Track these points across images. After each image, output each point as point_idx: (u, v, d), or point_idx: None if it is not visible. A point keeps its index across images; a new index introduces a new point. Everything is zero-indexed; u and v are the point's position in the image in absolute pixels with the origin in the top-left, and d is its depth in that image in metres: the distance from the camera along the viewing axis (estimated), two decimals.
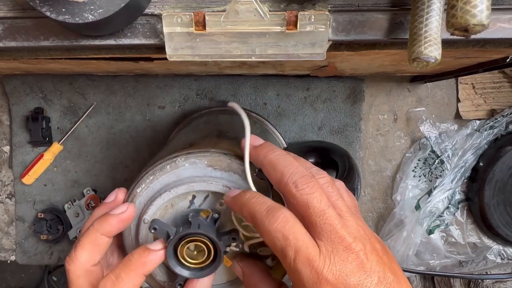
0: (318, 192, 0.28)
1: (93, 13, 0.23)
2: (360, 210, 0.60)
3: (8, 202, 0.59)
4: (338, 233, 0.27)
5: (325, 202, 0.28)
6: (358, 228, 0.28)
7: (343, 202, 0.30)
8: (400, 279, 0.28)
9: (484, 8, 0.20)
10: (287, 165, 0.30)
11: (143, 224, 0.34)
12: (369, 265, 0.27)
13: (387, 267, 0.27)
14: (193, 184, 0.33)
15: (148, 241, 0.35)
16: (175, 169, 0.34)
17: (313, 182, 0.29)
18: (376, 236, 0.30)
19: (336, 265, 0.26)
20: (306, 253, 0.27)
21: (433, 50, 0.22)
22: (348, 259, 0.26)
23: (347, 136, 0.58)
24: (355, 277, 0.26)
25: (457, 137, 0.57)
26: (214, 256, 0.33)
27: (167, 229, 0.32)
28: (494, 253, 0.60)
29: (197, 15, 0.25)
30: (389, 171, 0.60)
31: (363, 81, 0.57)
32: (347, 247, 0.27)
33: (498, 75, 0.58)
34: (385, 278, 0.27)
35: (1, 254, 0.61)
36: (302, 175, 0.29)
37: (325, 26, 0.25)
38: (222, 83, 0.56)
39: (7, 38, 0.27)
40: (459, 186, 0.59)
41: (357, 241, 0.27)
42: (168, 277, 0.36)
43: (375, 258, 0.27)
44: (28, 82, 0.56)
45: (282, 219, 0.28)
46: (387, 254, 0.29)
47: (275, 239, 0.28)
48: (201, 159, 0.34)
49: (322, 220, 0.27)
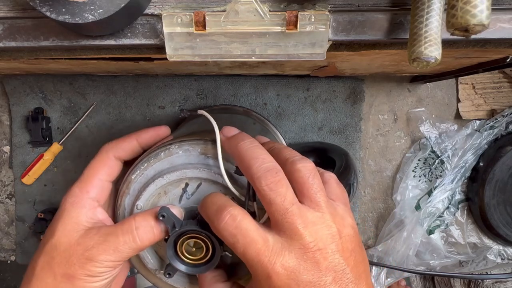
0: (282, 188, 0.28)
1: (93, 13, 0.23)
2: (360, 210, 0.60)
3: (8, 202, 0.59)
4: (298, 232, 0.27)
5: (289, 199, 0.28)
6: (327, 225, 0.28)
7: (322, 196, 0.29)
8: (361, 280, 0.28)
9: (484, 8, 0.20)
10: (254, 157, 0.29)
11: (136, 211, 0.35)
12: (325, 265, 0.27)
13: (349, 268, 0.27)
14: (185, 170, 0.33)
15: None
16: (169, 156, 0.34)
17: (279, 177, 0.28)
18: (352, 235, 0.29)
19: (289, 262, 0.26)
20: (255, 249, 0.27)
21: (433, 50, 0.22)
22: (303, 257, 0.27)
23: (347, 136, 0.58)
24: (308, 275, 0.26)
25: (457, 137, 0.57)
26: (210, 257, 0.33)
27: (174, 220, 0.32)
28: (494, 253, 0.60)
29: (197, 15, 0.25)
30: (389, 171, 0.60)
31: (363, 81, 0.57)
32: (305, 246, 0.27)
33: (498, 75, 0.58)
34: (343, 277, 0.27)
35: (1, 254, 0.61)
36: (268, 169, 0.29)
37: (325, 26, 0.25)
38: (222, 83, 0.56)
39: (7, 38, 0.27)
40: (459, 186, 0.59)
41: (318, 240, 0.27)
42: (159, 265, 0.37)
43: (336, 258, 0.27)
44: (28, 82, 0.56)
45: (228, 218, 0.28)
46: (356, 255, 0.29)
47: (224, 237, 0.28)
48: (194, 146, 0.34)
49: (284, 218, 0.27)
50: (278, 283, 0.26)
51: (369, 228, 0.61)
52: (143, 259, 0.36)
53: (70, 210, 0.33)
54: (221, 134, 0.34)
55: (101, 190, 0.35)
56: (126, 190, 0.35)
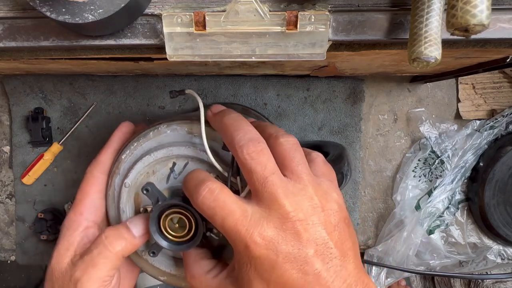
0: (264, 157, 0.28)
1: (93, 13, 0.23)
2: (360, 210, 0.60)
3: (8, 202, 0.59)
4: (278, 201, 0.27)
5: (270, 169, 0.28)
6: (309, 197, 0.27)
7: (304, 168, 0.29)
8: (347, 258, 0.27)
9: (484, 8, 0.20)
10: (238, 129, 0.30)
11: (124, 189, 0.36)
12: (306, 236, 0.26)
13: (332, 243, 0.27)
14: (172, 148, 0.34)
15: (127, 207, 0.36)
16: (157, 136, 0.35)
17: (261, 147, 0.28)
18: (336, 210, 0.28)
19: (267, 231, 0.26)
20: (233, 220, 0.27)
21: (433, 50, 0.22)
22: (282, 227, 0.26)
23: (347, 136, 0.58)
24: (287, 245, 0.26)
25: (457, 137, 0.57)
26: (193, 235, 0.33)
27: (158, 195, 0.33)
28: (494, 253, 0.60)
29: (197, 15, 0.25)
30: (389, 171, 0.60)
31: (363, 81, 0.57)
32: (284, 215, 0.26)
33: (498, 75, 0.58)
34: (325, 251, 0.26)
35: (1, 254, 0.61)
36: (251, 139, 0.29)
37: (325, 26, 0.25)
38: (222, 83, 0.56)
39: (7, 38, 0.27)
40: (459, 186, 0.59)
41: (298, 211, 0.26)
42: (145, 246, 0.37)
43: (318, 231, 0.26)
44: (28, 82, 0.56)
45: (206, 191, 0.28)
46: (341, 231, 0.28)
47: (202, 210, 0.28)
48: (182, 126, 0.35)
49: (263, 187, 0.27)
50: (256, 253, 0.26)
51: (369, 228, 0.61)
52: None
53: (65, 234, 0.35)
54: (209, 111, 0.34)
55: (95, 209, 0.36)
56: (116, 170, 0.36)
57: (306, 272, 0.26)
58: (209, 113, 0.34)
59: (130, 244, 0.33)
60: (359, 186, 0.59)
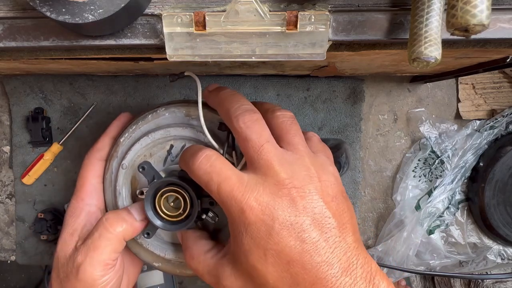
0: (258, 126, 0.28)
1: (93, 13, 0.23)
2: (360, 210, 0.60)
3: (8, 202, 0.59)
4: (273, 168, 0.26)
5: (266, 137, 0.28)
6: (306, 167, 0.27)
7: (300, 139, 0.29)
8: (346, 230, 0.26)
9: (484, 8, 0.20)
10: (233, 101, 0.30)
11: (121, 170, 0.36)
12: (302, 204, 0.26)
13: (330, 212, 0.26)
14: (169, 129, 0.35)
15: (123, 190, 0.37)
16: (156, 118, 0.36)
17: (256, 117, 0.28)
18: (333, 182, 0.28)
19: (263, 196, 0.26)
20: (229, 185, 0.26)
21: (433, 50, 0.22)
22: (278, 193, 0.26)
23: (347, 136, 0.58)
24: (284, 212, 0.25)
25: (457, 137, 0.57)
26: (188, 214, 0.33)
27: (154, 173, 0.33)
28: (494, 253, 0.60)
29: (197, 15, 0.25)
30: (389, 171, 0.60)
31: (363, 81, 0.57)
32: (280, 182, 0.26)
33: (498, 75, 0.58)
34: (323, 221, 0.26)
35: (1, 254, 0.61)
36: (246, 109, 0.29)
37: (325, 26, 0.25)
38: (222, 83, 0.56)
39: (7, 38, 0.27)
40: (459, 186, 0.59)
41: (294, 178, 0.26)
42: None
43: (315, 200, 0.26)
44: (28, 82, 0.56)
45: (203, 157, 0.28)
46: (339, 203, 0.27)
47: (199, 177, 0.28)
48: (179, 108, 0.35)
49: (259, 154, 0.27)
50: (252, 218, 0.26)
51: (369, 228, 0.61)
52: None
53: (68, 221, 0.35)
54: (206, 90, 0.34)
55: (97, 194, 0.37)
56: (114, 153, 0.36)
57: (304, 240, 0.25)
58: (206, 91, 0.34)
59: (131, 227, 0.33)
60: (359, 186, 0.59)
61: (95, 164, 0.37)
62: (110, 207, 0.38)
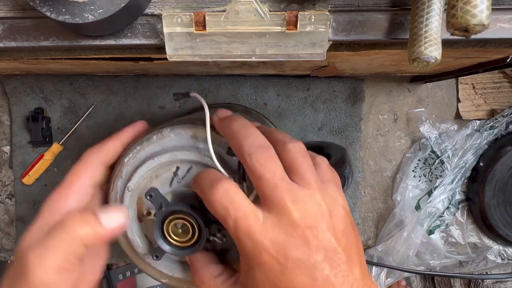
0: (272, 164, 0.28)
1: (93, 13, 0.23)
2: (360, 210, 0.60)
3: (8, 202, 0.59)
4: (287, 208, 0.27)
5: (279, 175, 0.28)
6: (317, 203, 0.28)
7: (312, 174, 0.29)
8: (354, 263, 0.27)
9: (484, 8, 0.20)
10: (246, 136, 0.29)
11: (127, 192, 0.35)
12: (316, 243, 0.26)
13: (340, 248, 0.27)
14: (176, 152, 0.34)
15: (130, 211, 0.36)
16: (161, 139, 0.35)
17: (269, 153, 0.28)
18: (343, 215, 0.29)
19: (278, 237, 0.26)
20: (246, 223, 0.27)
21: (433, 50, 0.22)
22: (292, 234, 0.26)
23: (348, 136, 0.58)
24: (297, 252, 0.26)
25: (457, 137, 0.57)
26: (196, 240, 0.34)
27: (162, 200, 0.33)
28: (494, 253, 0.60)
29: (197, 15, 0.25)
30: (389, 171, 0.60)
31: (363, 81, 0.57)
32: (294, 222, 0.26)
33: (498, 75, 0.58)
34: (334, 257, 0.26)
35: (1, 254, 0.61)
36: (260, 146, 0.29)
37: (325, 26, 0.25)
38: (222, 83, 0.56)
39: (7, 38, 0.27)
40: (459, 186, 0.59)
41: (307, 218, 0.27)
42: (148, 250, 0.37)
43: (327, 237, 0.27)
44: (28, 82, 0.56)
45: (222, 190, 0.28)
46: (348, 236, 0.28)
47: (216, 210, 0.28)
48: (186, 130, 0.34)
49: (273, 193, 0.27)
50: (266, 257, 0.26)
51: (369, 228, 0.61)
52: (133, 242, 0.37)
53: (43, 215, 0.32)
54: (215, 116, 0.34)
55: (82, 197, 0.33)
56: (118, 173, 0.36)
57: (315, 277, 0.26)
58: (215, 118, 0.33)
59: (94, 233, 0.29)
60: (359, 186, 0.59)
61: (94, 165, 0.35)
62: None
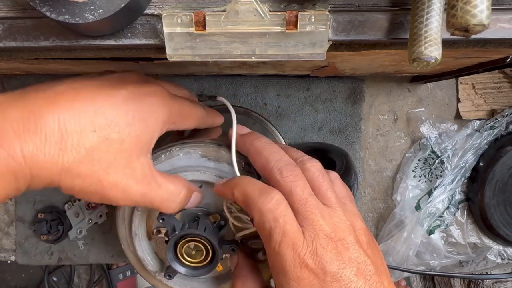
0: (301, 180, 0.29)
1: (93, 13, 0.23)
2: (360, 210, 0.60)
3: (8, 202, 0.59)
4: (319, 222, 0.27)
5: (308, 191, 0.28)
6: (342, 219, 0.28)
7: (332, 193, 0.30)
8: (382, 274, 0.28)
9: (484, 8, 0.20)
10: (273, 152, 0.30)
11: (136, 213, 0.35)
12: (347, 256, 0.27)
13: (369, 260, 0.28)
14: (186, 173, 0.33)
15: (139, 230, 0.36)
16: (169, 159, 0.34)
17: (298, 171, 0.29)
18: (364, 229, 0.30)
19: (316, 252, 0.27)
20: (292, 237, 0.27)
21: (433, 50, 0.22)
22: (327, 247, 0.27)
23: (348, 137, 0.58)
24: (334, 265, 0.26)
25: (457, 137, 0.57)
26: (210, 260, 0.34)
27: (174, 223, 0.33)
28: (494, 253, 0.60)
29: (197, 15, 0.25)
30: (389, 171, 0.60)
31: (363, 81, 0.57)
32: (327, 236, 0.27)
33: (498, 75, 0.58)
34: (365, 269, 0.27)
35: (1, 254, 0.61)
36: (288, 162, 0.29)
37: (325, 26, 0.25)
38: (222, 83, 0.56)
39: (7, 38, 0.27)
40: (459, 187, 0.59)
41: (337, 231, 0.27)
42: (159, 268, 0.37)
43: (356, 250, 0.27)
44: (28, 82, 0.56)
45: (275, 201, 0.28)
46: (372, 248, 0.29)
47: (265, 220, 0.28)
48: (195, 149, 0.34)
49: (304, 208, 0.28)
50: (306, 272, 0.26)
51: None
52: (143, 260, 0.36)
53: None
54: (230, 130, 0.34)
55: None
56: None
57: None
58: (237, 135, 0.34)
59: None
60: (359, 186, 0.59)
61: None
62: (124, 243, 0.38)
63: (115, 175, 0.27)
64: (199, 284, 0.37)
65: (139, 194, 0.28)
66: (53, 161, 0.25)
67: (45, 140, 0.24)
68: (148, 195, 0.29)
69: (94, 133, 0.26)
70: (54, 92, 0.27)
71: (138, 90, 0.29)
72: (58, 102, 0.26)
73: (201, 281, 0.37)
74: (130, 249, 0.37)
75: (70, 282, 1.25)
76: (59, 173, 0.25)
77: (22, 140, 0.24)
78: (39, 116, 0.25)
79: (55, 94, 0.26)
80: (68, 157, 0.25)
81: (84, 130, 0.25)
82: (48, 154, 0.24)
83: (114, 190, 0.27)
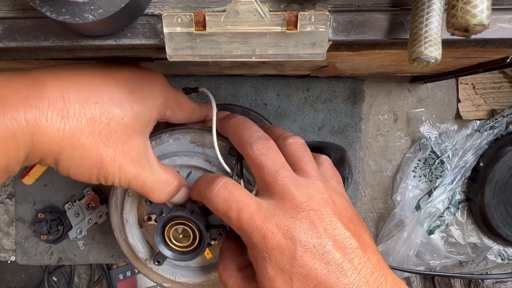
0: (273, 153, 0.29)
1: (93, 13, 0.23)
2: (360, 210, 0.60)
3: (8, 202, 0.59)
4: (290, 192, 0.27)
5: (280, 163, 0.28)
6: (319, 191, 0.28)
7: (313, 166, 0.29)
8: (367, 249, 0.26)
9: (484, 8, 0.20)
10: (246, 128, 0.31)
11: (127, 198, 0.36)
12: (322, 226, 0.26)
13: (350, 233, 0.26)
14: (175, 158, 0.34)
15: (130, 217, 0.36)
16: (160, 145, 0.35)
17: (269, 144, 0.29)
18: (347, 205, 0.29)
19: (283, 221, 0.26)
20: (248, 212, 0.26)
21: (433, 50, 0.22)
22: (297, 217, 0.26)
23: (348, 137, 0.58)
24: (305, 234, 0.25)
25: (457, 137, 0.57)
26: (197, 244, 0.34)
27: (162, 206, 0.33)
28: (495, 253, 0.60)
29: (197, 15, 0.25)
30: (389, 171, 0.60)
31: (363, 81, 0.57)
32: (297, 205, 0.26)
33: (498, 75, 0.58)
34: (345, 242, 0.26)
35: (1, 254, 0.61)
36: (259, 137, 0.29)
37: (325, 26, 0.25)
38: (222, 83, 0.56)
39: (7, 38, 0.27)
40: (459, 187, 0.59)
41: (311, 201, 0.27)
42: (150, 255, 0.37)
43: (333, 221, 0.26)
44: None
45: (221, 185, 0.28)
46: (356, 224, 0.28)
47: (217, 205, 0.28)
48: (184, 135, 0.35)
49: (275, 180, 0.27)
50: (274, 243, 0.26)
51: (369, 228, 0.61)
52: (134, 248, 0.37)
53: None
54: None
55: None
56: None
57: (328, 262, 0.25)
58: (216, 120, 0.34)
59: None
60: (359, 186, 0.59)
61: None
62: (116, 231, 0.38)
63: (114, 150, 0.27)
64: (188, 273, 0.37)
65: (133, 173, 0.29)
66: (54, 127, 0.25)
67: (48, 106, 0.25)
68: (141, 177, 0.29)
69: (96, 104, 0.26)
70: (59, 68, 0.28)
71: (139, 72, 0.31)
72: (62, 75, 0.27)
73: (191, 269, 0.37)
74: (122, 237, 0.38)
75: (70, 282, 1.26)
76: (59, 143, 0.25)
77: (26, 104, 0.24)
78: (43, 84, 0.25)
79: (60, 70, 0.27)
80: (70, 125, 0.25)
81: (86, 101, 0.26)
82: (50, 119, 0.25)
83: (112, 166, 0.27)
